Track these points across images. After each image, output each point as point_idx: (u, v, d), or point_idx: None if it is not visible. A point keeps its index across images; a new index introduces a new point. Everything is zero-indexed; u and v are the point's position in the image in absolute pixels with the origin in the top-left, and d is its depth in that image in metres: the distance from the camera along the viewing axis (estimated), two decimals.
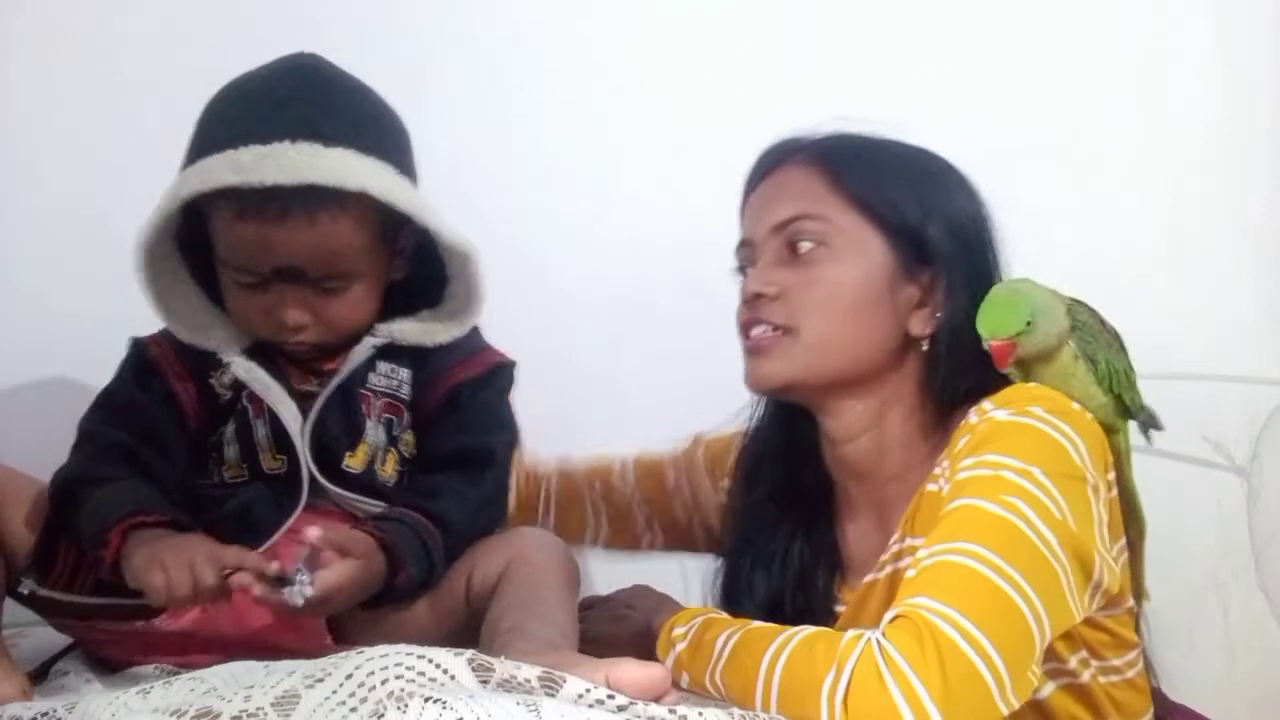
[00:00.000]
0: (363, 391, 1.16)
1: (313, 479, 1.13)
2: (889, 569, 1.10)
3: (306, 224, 1.06)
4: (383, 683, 0.76)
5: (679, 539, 1.40)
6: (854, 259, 1.14)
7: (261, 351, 1.15)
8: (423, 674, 0.78)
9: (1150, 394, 1.18)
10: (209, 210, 1.09)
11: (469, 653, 0.82)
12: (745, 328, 1.16)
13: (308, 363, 1.16)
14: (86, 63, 1.58)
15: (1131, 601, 1.11)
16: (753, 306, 1.15)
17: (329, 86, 1.11)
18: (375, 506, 1.14)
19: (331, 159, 1.05)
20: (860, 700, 0.85)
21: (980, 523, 0.94)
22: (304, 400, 1.14)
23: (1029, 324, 1.07)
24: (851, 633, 0.90)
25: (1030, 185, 1.89)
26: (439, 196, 1.15)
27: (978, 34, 1.93)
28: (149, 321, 1.18)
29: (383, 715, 0.71)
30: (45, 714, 0.83)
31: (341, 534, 1.05)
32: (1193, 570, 1.87)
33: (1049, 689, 1.07)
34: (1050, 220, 1.89)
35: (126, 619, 1.09)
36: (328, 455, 1.13)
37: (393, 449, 1.16)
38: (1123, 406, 1.14)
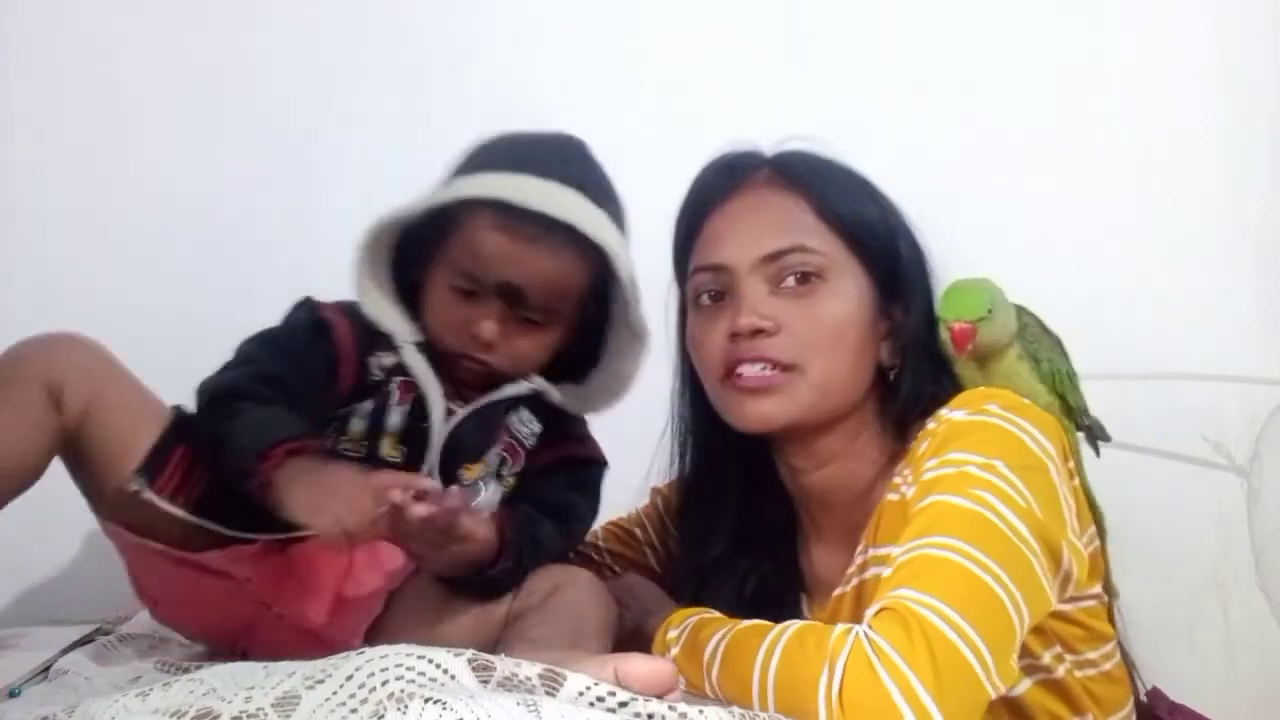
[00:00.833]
0: (496, 419, 1.22)
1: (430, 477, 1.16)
2: (855, 581, 1.10)
3: (552, 253, 1.15)
4: (383, 684, 0.76)
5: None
6: (848, 292, 1.11)
7: (430, 356, 1.20)
8: (423, 674, 0.78)
9: (1150, 394, 1.18)
10: (463, 216, 1.16)
11: (469, 652, 0.82)
12: (734, 364, 1.10)
13: (462, 386, 1.21)
14: (87, 63, 1.58)
15: (1100, 590, 1.11)
16: (748, 342, 1.09)
17: (598, 166, 1.23)
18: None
19: (591, 212, 1.16)
20: (855, 694, 0.85)
21: (952, 517, 0.94)
22: (449, 400, 1.20)
23: (990, 312, 1.09)
24: (840, 627, 0.90)
25: (1031, 186, 1.90)
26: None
27: (977, 34, 1.93)
28: (149, 321, 1.18)
29: (383, 716, 0.71)
30: (46, 716, 0.83)
31: (473, 518, 1.10)
32: (1193, 570, 1.86)
33: (1025, 686, 1.06)
34: (1051, 220, 1.90)
35: (222, 545, 1.14)
36: (451, 458, 1.19)
37: (499, 480, 1.23)
38: (1067, 407, 1.16)
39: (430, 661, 0.79)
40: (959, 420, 1.02)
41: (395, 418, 1.18)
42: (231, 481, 1.08)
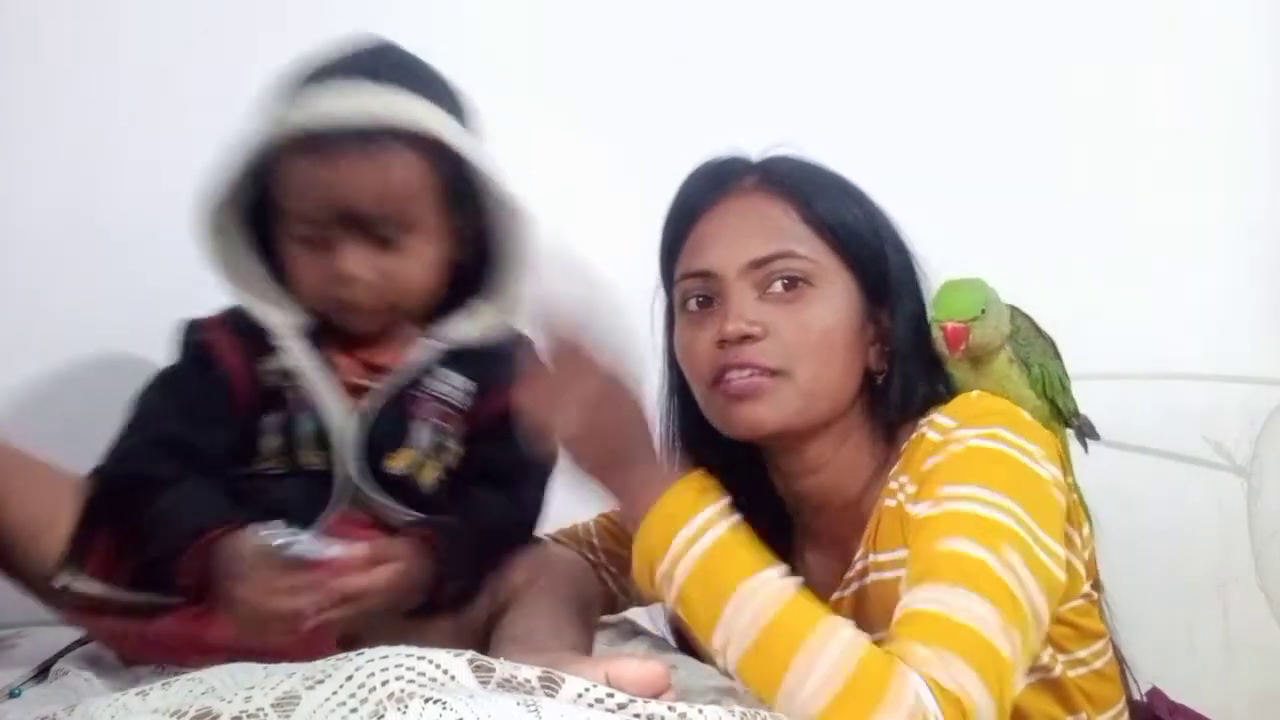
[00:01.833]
0: (416, 394, 1.14)
1: (350, 480, 1.11)
2: (855, 585, 1.10)
3: (369, 160, 1.06)
4: (383, 684, 0.76)
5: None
6: (836, 297, 1.11)
7: (316, 339, 1.13)
8: (423, 674, 0.78)
9: (1150, 394, 1.18)
10: (273, 167, 1.09)
11: (469, 653, 0.82)
12: (722, 370, 1.09)
13: (361, 351, 1.14)
14: (86, 62, 1.58)
15: (1088, 588, 1.11)
16: (735, 348, 1.08)
17: (391, 48, 1.13)
18: (409, 514, 1.12)
19: (387, 96, 1.06)
20: None
21: (980, 575, 0.91)
22: (355, 395, 1.13)
23: (983, 311, 1.09)
24: (899, 675, 0.85)
25: (1030, 185, 1.90)
26: None
27: (977, 35, 1.93)
28: (149, 320, 1.18)
29: (383, 716, 0.71)
30: (45, 716, 0.83)
31: (376, 545, 1.05)
32: (1193, 570, 1.87)
33: (1019, 688, 1.05)
34: (1051, 220, 1.90)
35: (160, 613, 1.08)
36: (371, 453, 1.12)
37: (436, 458, 1.15)
38: (1056, 411, 1.16)
39: (430, 662, 0.79)
40: (975, 447, 1.01)
41: (306, 424, 1.12)
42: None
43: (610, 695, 0.80)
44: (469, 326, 1.16)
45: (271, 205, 1.12)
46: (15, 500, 1.09)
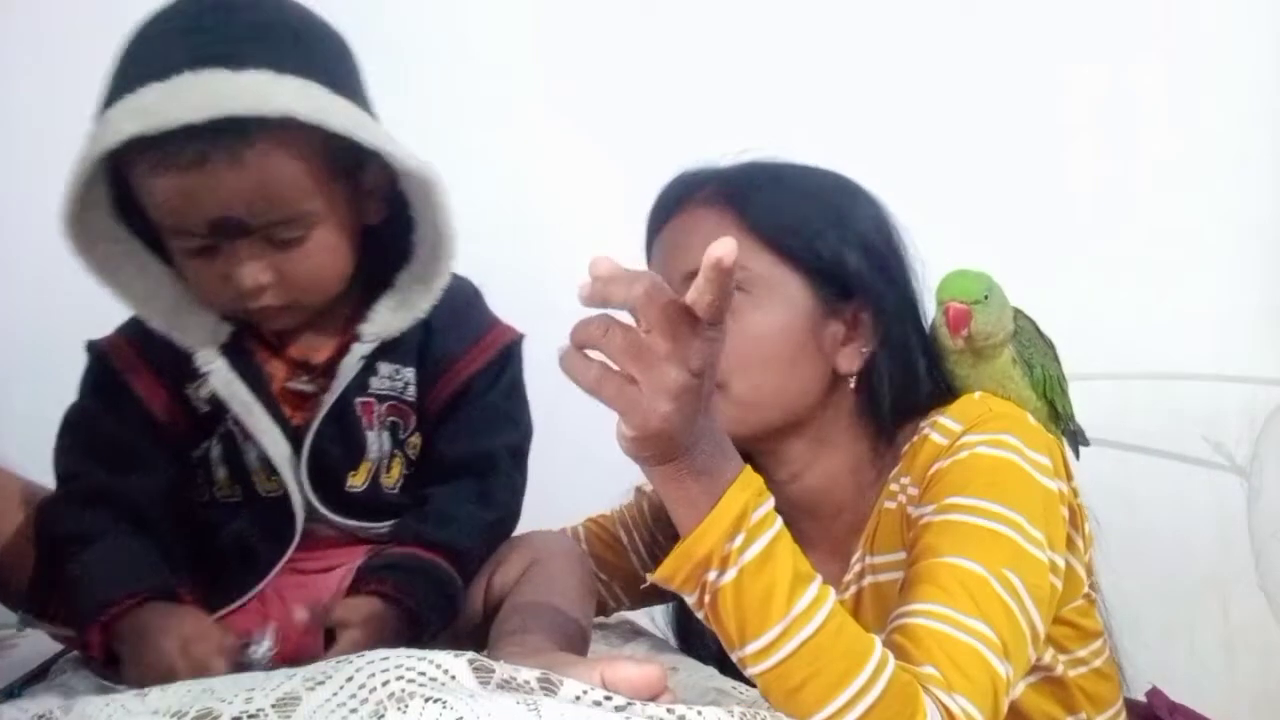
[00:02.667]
0: (363, 400, 1.05)
1: (309, 506, 1.04)
2: (853, 589, 1.10)
3: (231, 164, 0.91)
4: (383, 684, 0.76)
5: (643, 596, 1.33)
6: (775, 305, 1.09)
7: (242, 349, 1.03)
8: (423, 674, 0.78)
9: (1150, 394, 1.18)
10: (128, 173, 0.95)
11: (469, 654, 0.82)
12: None
13: (292, 349, 1.05)
14: (86, 62, 1.58)
15: (1087, 589, 1.11)
16: None
17: (235, 6, 0.96)
18: (378, 528, 1.06)
19: (244, 84, 0.90)
20: None
21: (981, 594, 0.92)
22: (294, 404, 1.04)
23: (986, 297, 1.09)
24: (924, 708, 0.85)
25: (1030, 185, 1.90)
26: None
27: (977, 35, 1.93)
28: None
29: (383, 716, 0.71)
30: (43, 715, 0.83)
31: (341, 607, 0.98)
32: (1193, 570, 1.87)
33: (1020, 688, 1.06)
34: (1051, 220, 1.90)
35: None
36: (328, 478, 1.03)
37: (399, 453, 1.07)
38: (1055, 414, 1.16)
39: (431, 662, 0.79)
40: (983, 455, 1.01)
41: (252, 454, 1.03)
42: None
43: (609, 698, 0.80)
44: (397, 318, 1.04)
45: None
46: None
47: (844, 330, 1.12)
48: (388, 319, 1.04)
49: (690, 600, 0.87)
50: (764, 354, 1.08)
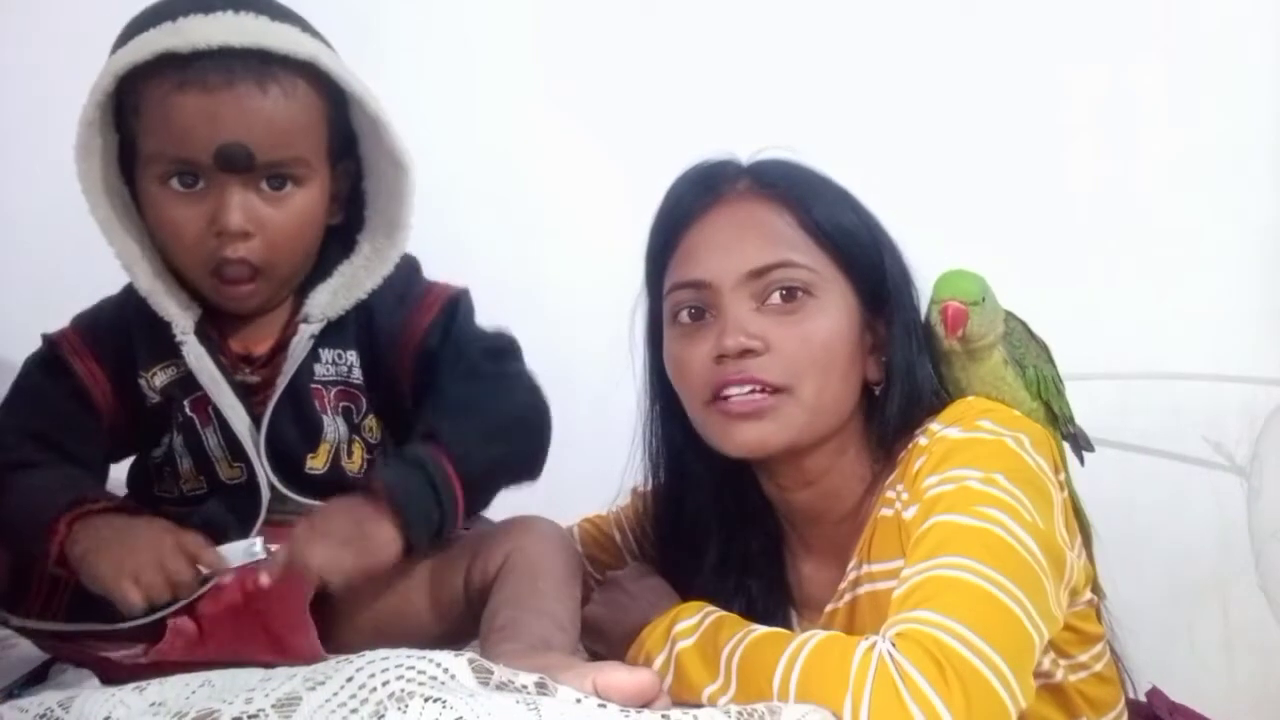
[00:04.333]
0: (314, 386, 1.07)
1: (273, 487, 1.06)
2: (848, 597, 1.08)
3: (256, 91, 0.97)
4: (384, 684, 0.76)
5: None
6: (836, 309, 1.07)
7: (206, 335, 1.06)
8: (423, 674, 0.78)
9: (1150, 394, 1.18)
10: (139, 97, 0.98)
11: (469, 654, 0.82)
12: (721, 386, 1.04)
13: (235, 340, 1.07)
14: (86, 62, 1.58)
15: (1090, 594, 1.11)
16: (735, 363, 1.04)
17: None
18: None
19: (277, 30, 0.98)
20: None
21: (961, 536, 0.92)
22: (248, 395, 1.06)
23: (982, 299, 1.08)
24: (863, 645, 0.86)
25: (1031, 186, 1.90)
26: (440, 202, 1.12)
27: (977, 35, 1.93)
28: None
29: (383, 715, 0.71)
30: (43, 715, 0.83)
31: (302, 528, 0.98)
32: (1193, 570, 1.87)
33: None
34: (1050, 220, 1.90)
35: (114, 641, 1.03)
36: (288, 461, 1.06)
37: (357, 438, 1.09)
38: (1052, 415, 1.15)
39: (431, 661, 0.79)
40: (955, 438, 1.01)
41: (212, 441, 1.06)
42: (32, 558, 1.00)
43: (602, 705, 0.80)
44: (339, 299, 1.08)
45: (135, 158, 1.02)
46: None
47: (872, 338, 1.11)
48: (329, 300, 1.07)
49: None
50: (829, 359, 1.06)
